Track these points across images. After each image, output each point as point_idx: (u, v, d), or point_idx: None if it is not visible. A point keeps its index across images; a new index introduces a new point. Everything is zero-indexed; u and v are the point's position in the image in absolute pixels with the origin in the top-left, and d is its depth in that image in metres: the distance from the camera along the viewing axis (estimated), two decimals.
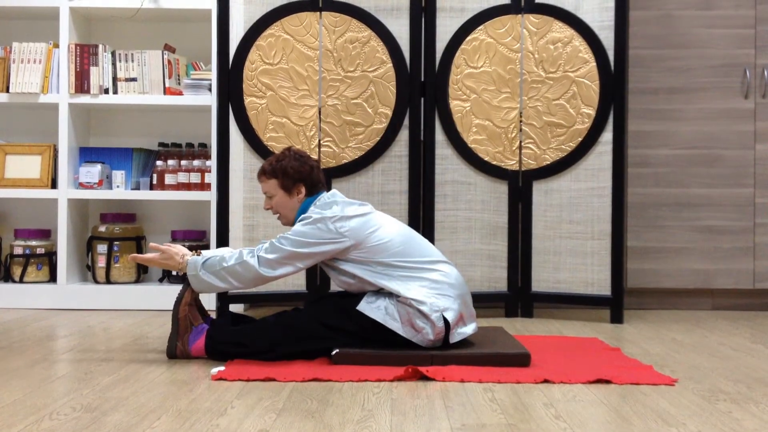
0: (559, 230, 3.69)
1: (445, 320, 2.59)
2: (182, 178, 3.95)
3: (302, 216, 2.71)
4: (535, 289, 3.72)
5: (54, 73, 3.94)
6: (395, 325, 2.59)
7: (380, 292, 2.68)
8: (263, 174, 2.79)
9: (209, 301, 3.67)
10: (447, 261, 2.76)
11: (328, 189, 2.84)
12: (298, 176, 2.75)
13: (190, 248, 3.93)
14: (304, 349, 2.62)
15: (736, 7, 4.00)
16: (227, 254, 2.67)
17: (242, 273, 2.64)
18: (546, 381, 2.38)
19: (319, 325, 2.62)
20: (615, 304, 3.60)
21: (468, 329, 2.68)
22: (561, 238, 3.68)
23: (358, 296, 2.69)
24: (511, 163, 3.72)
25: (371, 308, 2.61)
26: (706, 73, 4.02)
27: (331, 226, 2.64)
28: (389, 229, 2.71)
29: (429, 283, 2.64)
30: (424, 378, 2.41)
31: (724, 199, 4.01)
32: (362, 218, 2.69)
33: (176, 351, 2.67)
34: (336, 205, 2.71)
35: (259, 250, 2.66)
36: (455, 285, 2.68)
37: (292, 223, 2.77)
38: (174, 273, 3.92)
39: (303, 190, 2.76)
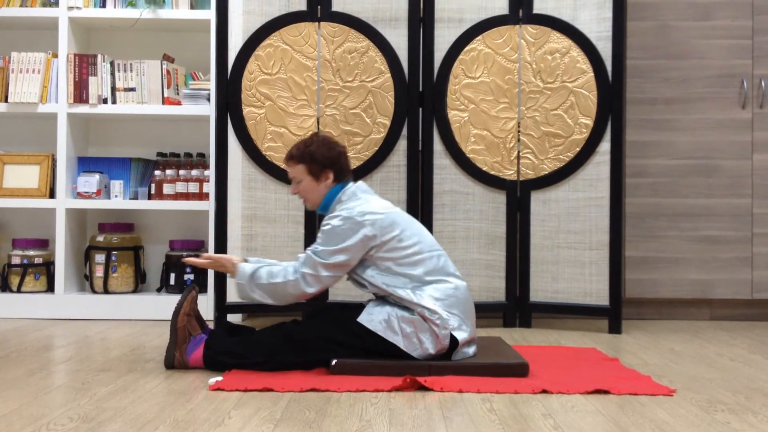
0: (557, 240, 3.69)
1: (453, 338, 2.60)
2: (180, 187, 3.95)
3: (328, 217, 2.71)
4: (533, 299, 3.72)
5: (53, 82, 3.95)
6: (395, 338, 2.59)
7: (384, 301, 2.68)
8: (291, 159, 2.78)
9: (207, 311, 3.67)
10: (459, 276, 2.76)
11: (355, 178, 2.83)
12: (326, 162, 2.74)
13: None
14: (302, 360, 2.61)
15: (734, 18, 4.02)
16: (275, 268, 2.67)
17: (288, 291, 2.65)
18: (544, 391, 2.38)
19: (318, 338, 2.62)
20: (613, 314, 3.60)
21: (470, 351, 2.69)
22: (559, 248, 3.69)
23: (359, 308, 2.69)
24: (509, 173, 3.72)
25: (371, 320, 2.61)
26: (703, 84, 4.03)
27: (358, 219, 2.64)
28: (410, 231, 2.71)
29: (440, 294, 2.64)
30: (422, 388, 2.41)
31: (721, 209, 4.01)
32: (384, 214, 2.69)
33: (174, 361, 2.66)
34: (359, 198, 2.72)
35: (300, 266, 2.65)
36: (463, 302, 2.68)
37: (317, 207, 2.78)
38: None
39: (331, 176, 2.75)
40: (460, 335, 2.62)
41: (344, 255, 2.64)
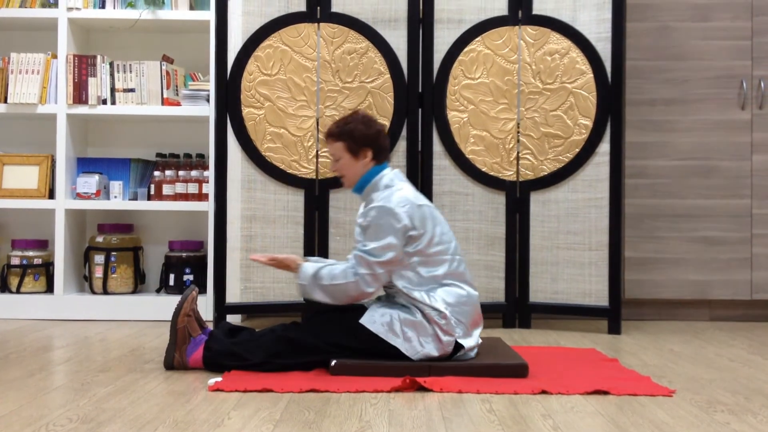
0: (557, 241, 3.69)
1: (458, 345, 2.62)
2: (180, 188, 3.95)
3: (365, 209, 2.69)
4: (532, 300, 3.72)
5: (52, 83, 3.95)
6: (396, 341, 2.59)
7: (388, 302, 2.68)
8: (330, 136, 2.78)
9: (206, 312, 3.67)
10: (473, 285, 2.76)
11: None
12: (364, 140, 2.74)
13: (188, 259, 3.96)
14: (301, 362, 2.61)
15: (733, 19, 4.02)
16: (335, 269, 2.65)
17: (349, 292, 2.64)
18: (544, 392, 2.38)
19: (317, 339, 2.62)
20: (613, 315, 3.60)
21: (472, 353, 2.70)
22: (558, 249, 3.69)
23: (358, 309, 2.70)
24: (508, 174, 3.72)
25: (373, 322, 2.61)
26: (702, 85, 4.03)
27: (396, 210, 2.64)
28: (440, 229, 2.71)
29: (452, 299, 2.65)
30: (422, 389, 2.41)
31: (721, 210, 4.01)
32: (420, 206, 2.69)
33: (174, 362, 2.66)
34: (394, 185, 2.72)
35: (356, 268, 2.63)
36: (472, 311, 2.69)
37: (353, 186, 2.78)
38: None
39: (369, 154, 2.75)
40: (465, 342, 2.64)
41: (393, 251, 2.63)
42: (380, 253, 2.63)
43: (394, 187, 2.72)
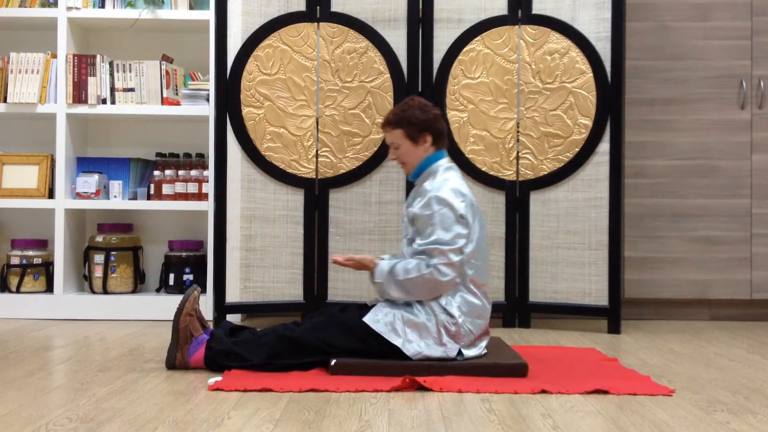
0: (557, 240, 3.69)
1: (460, 352, 2.63)
2: (180, 188, 3.95)
3: (423, 201, 2.67)
4: (532, 300, 3.72)
5: (52, 83, 3.94)
6: (397, 341, 2.60)
7: (393, 303, 2.68)
8: (388, 124, 2.79)
9: (206, 312, 3.66)
10: (489, 296, 2.77)
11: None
12: (423, 125, 2.75)
13: (187, 258, 3.96)
14: (302, 362, 2.61)
15: (733, 19, 4.02)
16: (409, 264, 2.64)
17: (425, 285, 2.62)
18: (543, 391, 2.38)
19: (318, 339, 2.62)
20: (612, 315, 3.60)
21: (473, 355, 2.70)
22: (558, 249, 3.69)
23: (359, 309, 2.70)
24: (508, 174, 3.72)
25: (376, 320, 2.61)
26: (702, 84, 4.03)
27: (451, 199, 2.64)
28: (478, 224, 2.72)
29: (467, 308, 2.66)
30: (422, 388, 2.41)
31: (720, 209, 4.01)
32: (471, 202, 2.71)
33: (175, 362, 2.66)
34: (449, 175, 2.72)
35: (429, 260, 2.61)
36: (483, 324, 2.71)
37: (411, 173, 2.78)
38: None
39: (429, 139, 2.76)
40: (468, 352, 2.64)
41: (463, 239, 2.63)
42: (452, 241, 2.62)
43: (449, 174, 2.73)
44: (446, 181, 2.69)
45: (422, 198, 2.68)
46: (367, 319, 2.62)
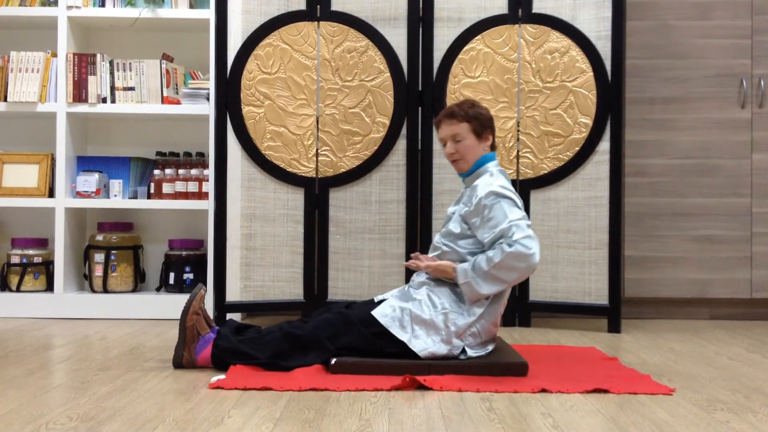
0: (557, 239, 3.69)
1: (464, 351, 2.64)
2: (180, 187, 3.95)
3: (482, 197, 2.68)
4: (532, 299, 3.72)
5: (52, 82, 3.94)
6: (404, 336, 2.60)
7: (403, 298, 2.68)
8: (452, 117, 2.79)
9: (207, 310, 3.66)
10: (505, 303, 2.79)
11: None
12: (489, 123, 2.81)
13: (188, 257, 3.96)
14: (310, 363, 2.61)
15: (733, 18, 4.02)
16: (489, 253, 2.61)
17: (513, 264, 2.57)
18: (543, 390, 2.38)
19: (326, 338, 2.62)
20: (612, 314, 3.60)
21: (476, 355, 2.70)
22: (558, 248, 3.69)
23: (364, 305, 2.71)
24: (508, 173, 3.72)
25: (384, 315, 2.62)
26: (702, 83, 4.03)
27: (504, 192, 2.66)
28: None
29: (494, 318, 2.69)
30: (422, 387, 2.41)
31: (720, 208, 4.01)
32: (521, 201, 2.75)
33: (183, 360, 2.66)
34: (502, 180, 2.74)
35: (509, 241, 2.58)
36: (496, 330, 2.73)
37: (467, 170, 2.79)
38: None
39: (491, 138, 2.81)
40: (472, 352, 2.65)
41: (525, 219, 2.64)
42: (524, 218, 2.62)
43: (498, 176, 2.75)
44: (499, 179, 2.73)
45: (477, 194, 2.69)
46: (376, 312, 2.63)
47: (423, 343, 2.60)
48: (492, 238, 2.62)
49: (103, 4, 3.98)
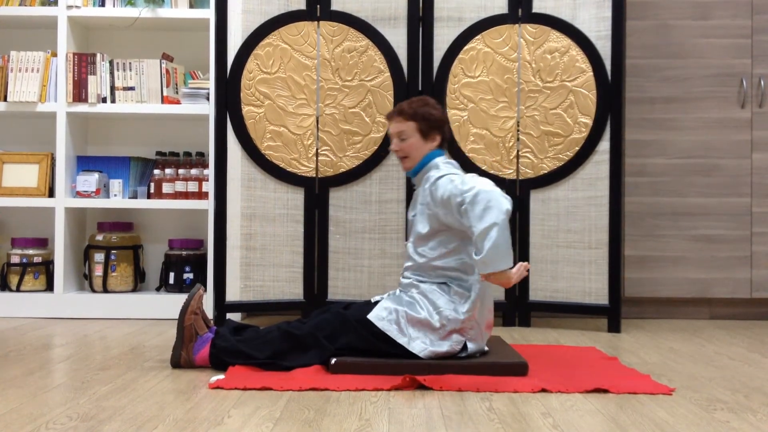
0: (557, 239, 3.69)
1: (465, 346, 2.64)
2: (180, 186, 3.95)
3: (428, 185, 2.69)
4: (532, 298, 3.72)
5: (52, 81, 3.94)
6: (402, 339, 2.60)
7: (395, 299, 2.68)
8: (400, 114, 2.79)
9: (206, 310, 3.66)
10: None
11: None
12: (437, 124, 2.78)
13: (187, 257, 3.96)
14: (308, 363, 2.61)
15: (733, 17, 4.02)
16: (474, 231, 2.53)
17: (486, 205, 2.53)
18: (543, 390, 2.38)
19: (324, 338, 2.62)
20: (612, 314, 3.60)
21: (477, 355, 2.70)
22: (558, 247, 3.69)
23: (362, 306, 2.70)
24: (508, 172, 3.72)
25: (380, 319, 2.61)
26: (702, 83, 4.03)
27: (455, 171, 2.68)
28: None
29: (482, 309, 2.68)
30: (422, 387, 2.41)
31: (721, 208, 4.01)
32: None
33: (181, 360, 2.66)
34: (453, 168, 2.75)
35: (467, 202, 2.54)
36: (490, 315, 2.72)
37: (412, 169, 2.80)
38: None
39: (438, 138, 2.79)
40: (472, 346, 2.64)
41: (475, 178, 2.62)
42: (473, 186, 2.58)
43: (447, 167, 2.74)
44: (446, 170, 2.71)
45: (431, 187, 2.68)
46: (372, 316, 2.62)
47: (422, 344, 2.60)
48: (458, 208, 2.57)
49: (103, 4, 3.98)
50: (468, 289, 2.66)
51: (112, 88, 3.96)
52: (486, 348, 2.73)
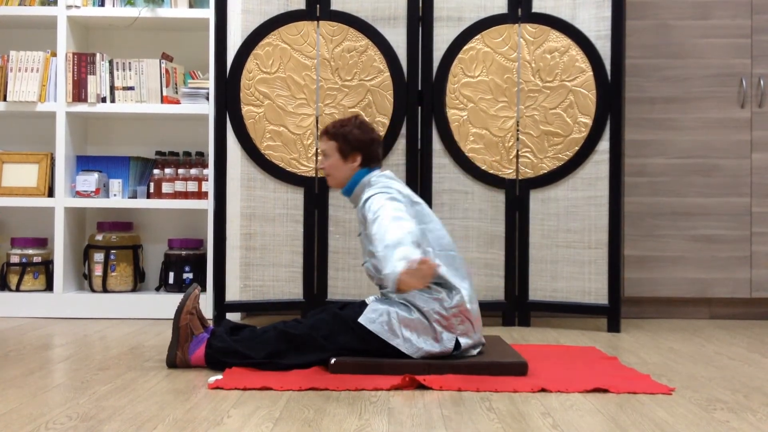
0: (556, 239, 3.69)
1: (457, 343, 2.62)
2: (179, 186, 3.95)
3: (361, 207, 2.70)
4: (532, 298, 3.72)
5: (51, 81, 3.94)
6: (396, 341, 2.59)
7: (386, 300, 2.68)
8: (326, 134, 2.83)
9: (206, 310, 3.66)
10: (471, 281, 2.76)
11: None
12: (357, 145, 2.78)
13: (187, 257, 3.96)
14: (305, 362, 2.60)
15: (733, 17, 4.02)
16: (376, 249, 2.49)
17: (383, 228, 2.50)
18: (543, 390, 2.38)
19: (321, 338, 2.62)
20: (612, 313, 3.60)
21: (474, 352, 2.69)
22: (558, 247, 3.69)
23: (359, 306, 2.70)
24: (508, 172, 3.72)
25: (372, 320, 2.61)
26: (702, 83, 4.03)
27: (385, 190, 2.65)
28: (433, 225, 2.74)
29: (466, 300, 2.66)
30: (422, 387, 2.41)
31: (720, 208, 4.01)
32: (415, 202, 2.73)
33: (176, 360, 2.66)
34: (386, 181, 2.74)
35: (373, 221, 2.54)
36: (474, 309, 2.69)
37: (340, 187, 2.81)
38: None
39: (358, 159, 2.79)
40: (465, 341, 2.63)
41: (396, 200, 2.61)
42: (388, 200, 2.59)
43: (381, 179, 2.75)
44: (378, 185, 2.71)
45: (361, 209, 2.70)
46: (363, 320, 2.61)
47: (415, 345, 2.60)
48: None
49: (102, 4, 3.98)
50: (449, 286, 2.65)
51: (112, 88, 3.96)
52: (483, 341, 2.72)
